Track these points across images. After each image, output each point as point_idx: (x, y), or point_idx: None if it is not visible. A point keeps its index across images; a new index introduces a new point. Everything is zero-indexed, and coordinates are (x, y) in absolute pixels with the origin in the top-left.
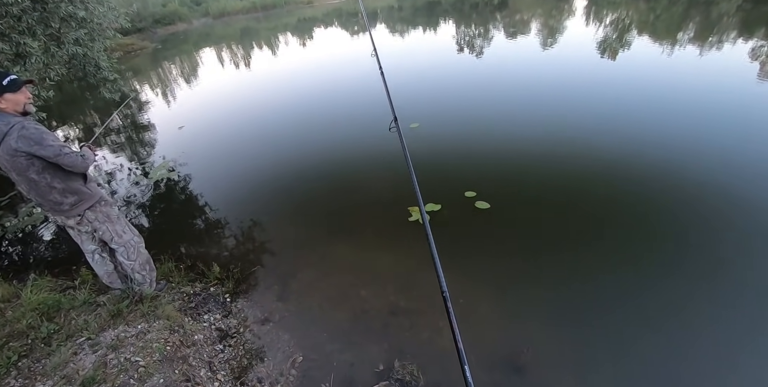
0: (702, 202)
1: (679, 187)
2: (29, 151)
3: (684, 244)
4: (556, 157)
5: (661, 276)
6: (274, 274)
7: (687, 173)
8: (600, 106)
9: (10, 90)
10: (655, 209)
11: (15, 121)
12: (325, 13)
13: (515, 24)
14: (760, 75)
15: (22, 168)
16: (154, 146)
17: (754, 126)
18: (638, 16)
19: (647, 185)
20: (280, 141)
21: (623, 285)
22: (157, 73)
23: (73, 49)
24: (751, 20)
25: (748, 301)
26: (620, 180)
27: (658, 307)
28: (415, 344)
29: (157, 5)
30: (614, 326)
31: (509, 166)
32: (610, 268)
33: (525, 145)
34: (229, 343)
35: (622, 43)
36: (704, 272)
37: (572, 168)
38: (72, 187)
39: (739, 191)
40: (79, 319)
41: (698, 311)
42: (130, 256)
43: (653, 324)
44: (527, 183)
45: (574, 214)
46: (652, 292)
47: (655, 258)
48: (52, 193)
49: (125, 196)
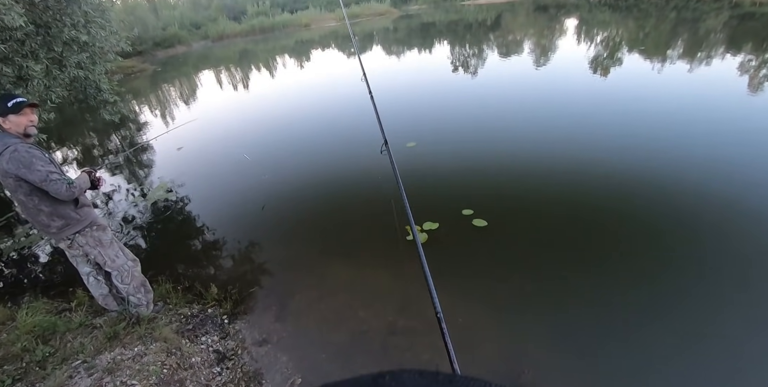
0: (706, 217)
1: (678, 201)
2: (17, 173)
3: (692, 263)
4: (552, 173)
5: (662, 292)
6: (272, 295)
7: (685, 187)
8: (595, 122)
9: (14, 112)
10: (656, 223)
11: (11, 142)
12: (321, 35)
13: (508, 44)
14: (750, 87)
15: (11, 189)
16: (152, 167)
17: (748, 136)
18: (628, 34)
19: (644, 199)
20: (277, 161)
21: (626, 304)
22: (157, 94)
23: (74, 72)
24: (737, 36)
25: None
26: (618, 194)
27: (661, 327)
28: (415, 364)
29: (157, 29)
30: (617, 347)
31: (506, 183)
32: (611, 286)
33: (521, 162)
34: (227, 365)
35: (613, 60)
36: (716, 292)
37: (569, 184)
38: (59, 211)
39: (739, 199)
40: (75, 342)
41: (708, 331)
42: (124, 280)
43: (656, 345)
44: (524, 200)
45: (573, 230)
46: (655, 311)
47: (657, 274)
48: (39, 215)
49: (123, 217)
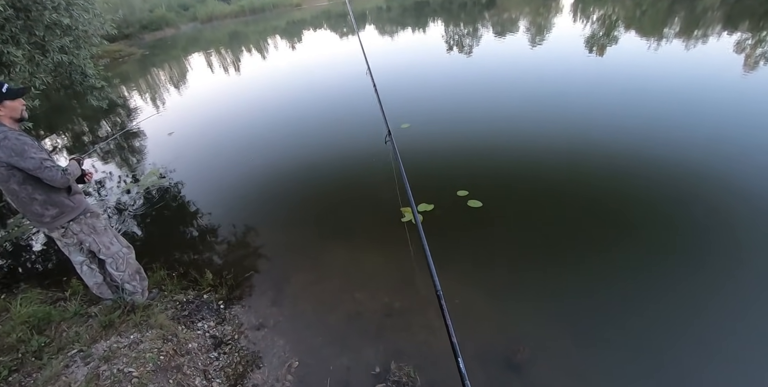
0: (703, 198)
1: (676, 181)
2: (9, 161)
3: (683, 244)
4: (547, 153)
5: (652, 271)
6: (268, 279)
7: (685, 167)
8: (591, 102)
9: (9, 97)
10: (654, 203)
11: (0, 130)
12: (313, 15)
13: (503, 22)
14: (746, 66)
15: (3, 178)
16: (144, 153)
17: (743, 115)
18: (625, 13)
19: (641, 178)
20: (270, 145)
21: (622, 282)
22: (146, 79)
23: (58, 57)
24: (735, 14)
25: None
26: (615, 173)
27: (655, 304)
28: (411, 345)
29: (143, 11)
30: (612, 324)
31: (500, 163)
32: (605, 265)
33: (516, 142)
34: (224, 350)
35: (609, 39)
36: (705, 277)
37: (564, 164)
38: (54, 199)
39: (739, 182)
40: (71, 331)
41: (697, 310)
42: (119, 268)
43: (650, 322)
44: (520, 180)
45: (568, 210)
46: (648, 288)
47: (646, 252)
48: (33, 204)
49: (115, 205)
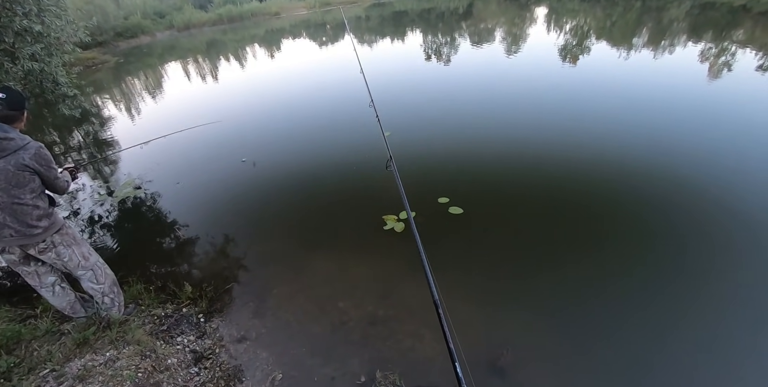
0: (686, 203)
1: (656, 185)
2: (38, 169)
3: (660, 247)
4: (526, 159)
5: (634, 273)
6: (249, 290)
7: (666, 171)
8: (567, 108)
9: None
10: (626, 208)
11: (30, 139)
12: (293, 24)
13: (480, 32)
14: (709, 73)
15: (22, 183)
16: (118, 163)
17: (708, 120)
18: (596, 23)
19: (620, 185)
20: (249, 154)
21: (601, 285)
22: (120, 87)
23: (29, 64)
24: (699, 24)
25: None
26: (593, 178)
27: (638, 306)
28: (396, 353)
29: (118, 18)
30: (595, 327)
31: (480, 170)
32: (586, 267)
33: (494, 149)
34: (205, 365)
35: (582, 49)
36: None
37: (541, 170)
38: (48, 210)
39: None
40: (42, 350)
41: (684, 310)
42: (98, 279)
43: (634, 324)
44: (499, 186)
45: (549, 216)
46: (630, 290)
47: (626, 256)
48: (32, 213)
49: (89, 218)
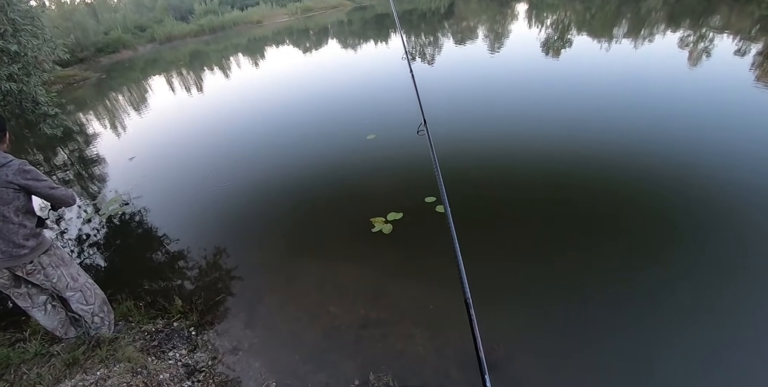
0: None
1: (653, 183)
2: (24, 184)
3: (649, 243)
4: (511, 156)
5: (624, 266)
6: (240, 301)
7: (660, 167)
8: (551, 103)
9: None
10: (614, 205)
11: (12, 157)
12: (275, 31)
13: (463, 30)
14: (690, 61)
15: (7, 199)
16: (104, 180)
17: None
18: (576, 16)
19: (621, 185)
20: (232, 165)
21: (591, 282)
22: (103, 103)
23: (6, 85)
24: (677, 13)
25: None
26: (581, 173)
27: (631, 301)
28: (388, 354)
29: (98, 33)
30: (585, 323)
31: (467, 167)
32: (576, 264)
33: (481, 145)
34: (198, 378)
35: (564, 42)
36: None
37: (531, 166)
38: (35, 230)
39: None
40: (32, 373)
41: (682, 310)
42: (88, 300)
43: (626, 318)
44: (484, 184)
45: (533, 211)
46: (623, 284)
47: (616, 249)
48: (19, 232)
49: (76, 236)
